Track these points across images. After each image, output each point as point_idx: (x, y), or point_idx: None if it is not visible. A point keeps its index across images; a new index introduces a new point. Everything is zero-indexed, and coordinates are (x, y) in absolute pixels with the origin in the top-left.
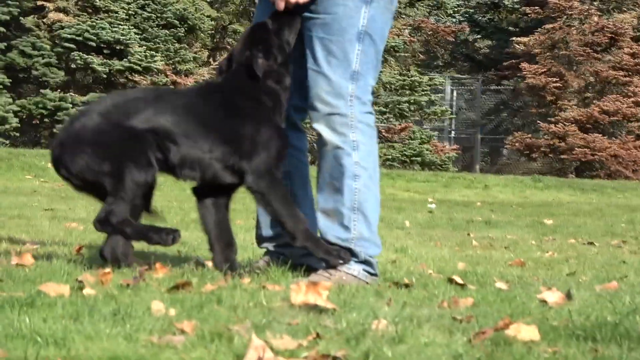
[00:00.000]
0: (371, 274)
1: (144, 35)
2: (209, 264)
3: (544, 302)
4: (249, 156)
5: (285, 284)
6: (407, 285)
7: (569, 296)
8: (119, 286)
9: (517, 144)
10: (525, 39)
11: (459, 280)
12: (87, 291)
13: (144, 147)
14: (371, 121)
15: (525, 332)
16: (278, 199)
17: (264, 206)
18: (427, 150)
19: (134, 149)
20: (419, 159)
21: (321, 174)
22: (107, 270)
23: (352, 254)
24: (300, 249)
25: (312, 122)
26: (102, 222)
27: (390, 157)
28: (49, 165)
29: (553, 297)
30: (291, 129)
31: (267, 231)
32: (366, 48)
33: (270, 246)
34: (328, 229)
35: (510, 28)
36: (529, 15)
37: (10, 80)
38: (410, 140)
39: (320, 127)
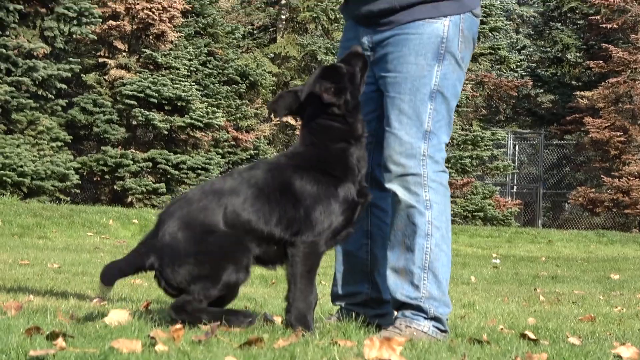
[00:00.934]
0: (441, 331)
1: (206, 91)
2: (278, 319)
3: (619, 357)
4: (301, 232)
5: (357, 339)
6: (479, 341)
7: None
8: (190, 342)
9: (580, 199)
10: (588, 93)
11: (532, 336)
12: (159, 347)
13: (244, 250)
14: (444, 180)
15: None
16: (303, 270)
17: (288, 266)
18: (489, 205)
19: (230, 253)
20: (481, 214)
21: (393, 231)
22: (179, 326)
23: (421, 310)
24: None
25: (385, 182)
26: (177, 310)
27: (452, 212)
28: (110, 222)
29: (628, 352)
30: (375, 187)
31: (342, 289)
32: (438, 106)
33: (343, 304)
34: (397, 287)
35: (573, 82)
36: (592, 70)
37: (71, 137)
38: (472, 195)
39: (394, 187)
